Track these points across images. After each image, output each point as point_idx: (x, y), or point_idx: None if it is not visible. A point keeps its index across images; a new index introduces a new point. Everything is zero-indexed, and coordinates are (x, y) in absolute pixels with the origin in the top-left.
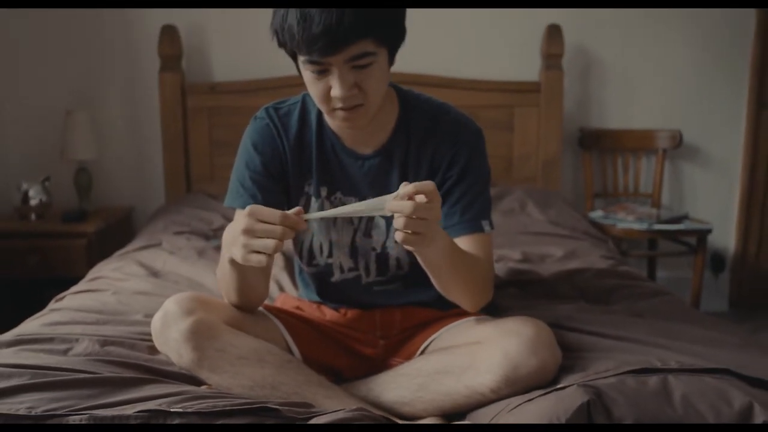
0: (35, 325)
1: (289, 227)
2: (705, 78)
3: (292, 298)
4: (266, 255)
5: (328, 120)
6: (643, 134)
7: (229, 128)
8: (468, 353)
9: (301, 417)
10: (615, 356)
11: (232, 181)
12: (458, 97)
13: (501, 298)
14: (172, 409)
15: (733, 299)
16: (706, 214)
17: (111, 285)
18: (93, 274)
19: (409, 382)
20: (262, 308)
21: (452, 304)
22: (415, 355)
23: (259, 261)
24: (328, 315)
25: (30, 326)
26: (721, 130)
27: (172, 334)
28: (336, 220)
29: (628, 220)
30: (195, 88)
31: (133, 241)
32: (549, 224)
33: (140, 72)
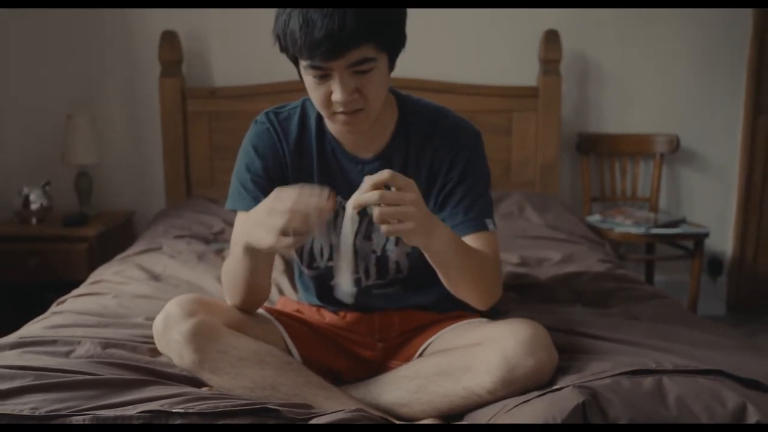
0: (37, 327)
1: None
2: (702, 83)
3: (292, 302)
4: (294, 238)
5: (329, 125)
6: (640, 139)
7: (229, 133)
8: (466, 355)
9: (301, 418)
10: (611, 358)
11: (233, 183)
12: (457, 102)
13: (499, 302)
14: (173, 410)
15: (731, 303)
16: (704, 218)
17: (112, 288)
18: (94, 277)
19: (408, 384)
20: (263, 310)
21: (450, 307)
22: (414, 358)
23: (288, 243)
24: (328, 318)
25: (32, 329)
26: (718, 135)
27: (174, 335)
28: (336, 223)
29: (625, 224)
30: (195, 93)
31: (133, 245)
32: (547, 228)
33: (141, 77)
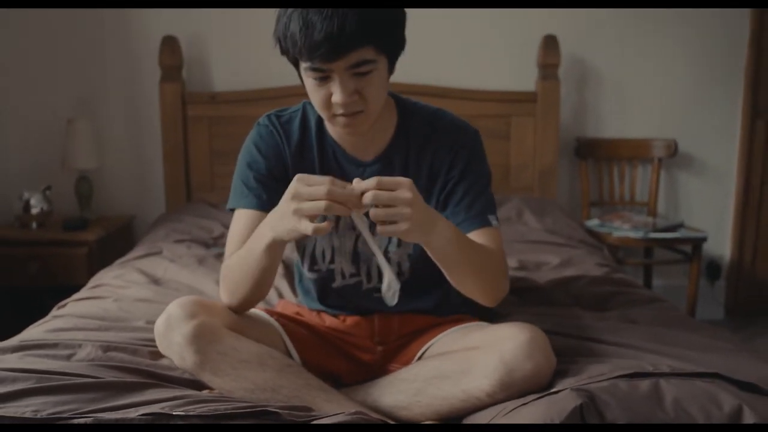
0: (39, 331)
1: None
2: (700, 88)
3: (292, 304)
4: (320, 225)
5: (329, 127)
6: (638, 143)
7: (229, 137)
8: (465, 358)
9: (300, 421)
10: (608, 361)
11: (234, 183)
12: (455, 107)
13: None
14: (174, 413)
15: (729, 307)
16: (702, 223)
17: (112, 292)
18: (94, 281)
19: (407, 387)
20: (263, 312)
21: (449, 311)
22: (413, 361)
23: (323, 230)
24: (328, 321)
25: (34, 332)
26: (716, 139)
27: (175, 337)
28: (338, 226)
29: (624, 229)
30: (195, 98)
31: (133, 249)
32: (545, 232)
33: (141, 82)
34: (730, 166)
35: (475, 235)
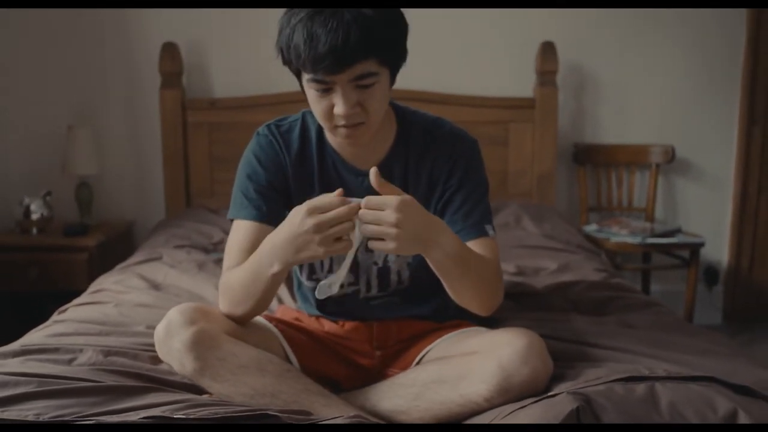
0: (40, 336)
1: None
2: (697, 95)
3: (291, 310)
4: (349, 240)
5: (329, 137)
6: (636, 149)
7: (229, 143)
8: (463, 363)
9: (299, 425)
10: (605, 365)
11: (234, 194)
12: (454, 113)
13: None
14: (175, 416)
15: (727, 312)
16: (699, 228)
17: (113, 297)
18: (95, 286)
19: (406, 392)
20: (263, 318)
21: (448, 316)
22: (412, 366)
23: (344, 248)
24: (326, 326)
25: (35, 337)
26: (713, 146)
27: (175, 343)
28: None
29: (621, 234)
30: (195, 104)
31: (134, 255)
32: (543, 238)
33: (141, 88)
34: (728, 172)
35: (472, 245)
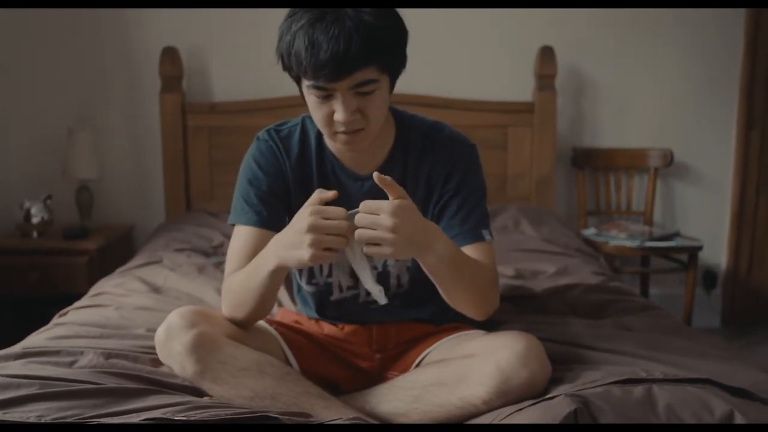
0: (41, 338)
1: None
2: (695, 98)
3: (291, 313)
4: (335, 252)
5: (329, 143)
6: (634, 153)
7: (229, 147)
8: (461, 366)
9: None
10: (602, 367)
11: (235, 198)
12: (453, 117)
13: (495, 313)
14: (176, 418)
15: (726, 315)
16: (698, 232)
17: (113, 300)
18: (95, 290)
19: (405, 394)
20: (263, 321)
21: (447, 319)
22: (411, 368)
23: (330, 257)
24: (326, 329)
25: (36, 340)
26: (712, 150)
27: (176, 346)
28: None
29: (620, 238)
30: (195, 108)
31: (134, 258)
32: (542, 241)
33: (141, 92)
34: (726, 176)
35: (468, 250)
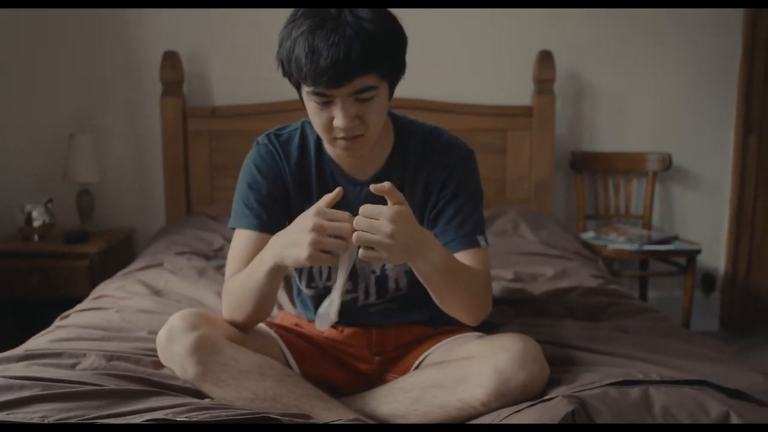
0: (43, 341)
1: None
2: (694, 103)
3: (291, 316)
4: (332, 256)
5: (328, 148)
6: (633, 157)
7: (229, 151)
8: (460, 368)
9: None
10: (600, 369)
11: (235, 202)
12: (453, 122)
13: (493, 316)
14: (177, 419)
15: (724, 319)
16: (696, 235)
17: (114, 303)
18: (97, 293)
19: (404, 396)
20: (263, 324)
21: (446, 322)
22: (410, 370)
23: (328, 259)
24: (326, 332)
25: (38, 342)
26: (710, 153)
27: (177, 348)
28: None
29: (619, 241)
30: (196, 112)
31: (135, 261)
32: (541, 245)
33: (142, 96)
34: (724, 180)
35: (463, 256)
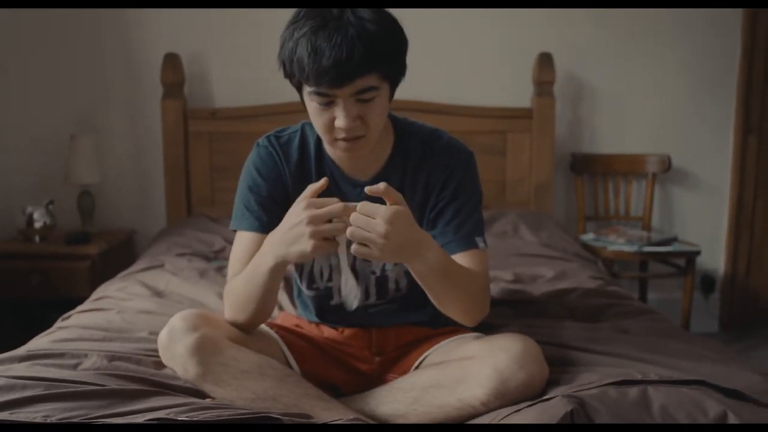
0: (45, 341)
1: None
2: (693, 104)
3: (292, 316)
4: (335, 242)
5: (328, 149)
6: (633, 159)
7: (230, 153)
8: (460, 368)
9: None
10: (599, 369)
11: (236, 205)
12: (453, 123)
13: (493, 317)
14: (179, 418)
15: (724, 320)
16: (696, 237)
17: (116, 304)
18: (98, 294)
19: (404, 396)
20: (264, 325)
21: (445, 323)
22: (410, 371)
23: (331, 246)
24: (326, 333)
25: (40, 342)
26: (709, 155)
27: (178, 349)
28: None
29: (618, 243)
30: (196, 114)
31: (136, 263)
32: (541, 246)
33: (143, 98)
34: (724, 181)
35: (461, 257)
